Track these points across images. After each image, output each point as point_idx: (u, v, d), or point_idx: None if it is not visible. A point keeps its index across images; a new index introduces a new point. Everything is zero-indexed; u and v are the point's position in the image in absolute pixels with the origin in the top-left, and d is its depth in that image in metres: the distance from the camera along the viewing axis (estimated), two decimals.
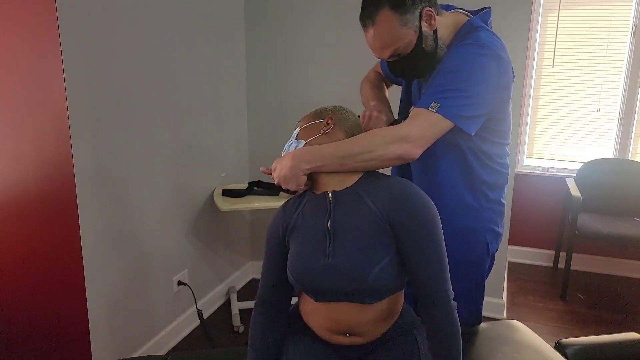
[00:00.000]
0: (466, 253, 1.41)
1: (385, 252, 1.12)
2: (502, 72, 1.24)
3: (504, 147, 1.40)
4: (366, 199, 1.16)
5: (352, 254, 1.13)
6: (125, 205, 2.06)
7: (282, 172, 1.20)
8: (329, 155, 1.18)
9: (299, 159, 1.19)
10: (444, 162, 1.36)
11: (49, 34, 1.65)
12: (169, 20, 2.23)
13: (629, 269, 3.30)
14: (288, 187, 1.21)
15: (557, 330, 2.61)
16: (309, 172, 1.20)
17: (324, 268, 1.14)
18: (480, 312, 1.55)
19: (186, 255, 2.50)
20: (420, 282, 1.13)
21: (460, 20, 1.33)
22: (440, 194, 1.36)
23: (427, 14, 1.25)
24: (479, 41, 1.24)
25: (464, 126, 1.22)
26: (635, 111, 3.19)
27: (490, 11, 1.35)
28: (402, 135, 1.19)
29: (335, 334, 1.21)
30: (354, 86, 2.74)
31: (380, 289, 1.13)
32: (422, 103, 1.23)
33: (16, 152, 1.80)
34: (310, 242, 1.18)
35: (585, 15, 3.20)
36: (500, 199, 1.44)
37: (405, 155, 1.20)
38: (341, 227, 1.16)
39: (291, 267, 1.20)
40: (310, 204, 1.23)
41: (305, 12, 2.74)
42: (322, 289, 1.16)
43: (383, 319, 1.20)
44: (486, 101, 1.24)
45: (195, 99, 2.46)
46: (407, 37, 1.26)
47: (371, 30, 1.27)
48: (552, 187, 3.37)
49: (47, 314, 1.93)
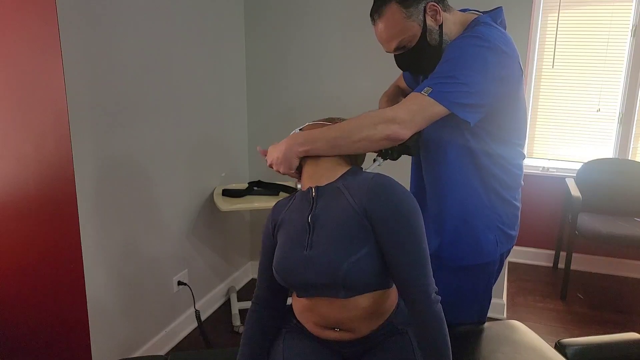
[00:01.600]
0: (476, 255, 1.41)
1: (361, 244, 1.11)
2: (502, 65, 1.24)
3: (517, 148, 1.39)
4: (345, 193, 1.17)
5: (327, 246, 1.13)
6: (125, 205, 2.06)
7: (275, 154, 1.28)
8: (321, 137, 1.24)
9: (292, 141, 1.26)
10: (455, 159, 1.36)
11: (49, 34, 1.65)
12: (169, 20, 2.23)
13: (629, 269, 3.30)
14: (280, 170, 1.28)
15: (557, 330, 2.61)
16: (302, 154, 1.25)
17: (302, 260, 1.15)
18: (485, 314, 1.55)
19: (186, 255, 2.50)
20: (401, 276, 1.12)
21: (469, 19, 1.35)
22: (452, 191, 1.37)
23: (431, 8, 1.29)
24: (477, 33, 1.25)
25: (457, 112, 1.22)
26: (635, 111, 3.19)
27: (502, 10, 1.36)
28: (390, 117, 1.22)
29: (325, 328, 1.21)
30: (354, 86, 2.74)
31: (353, 283, 1.12)
32: (417, 88, 1.25)
33: (16, 153, 1.80)
34: (293, 237, 1.20)
35: (585, 15, 3.20)
36: (513, 201, 1.43)
37: (393, 135, 1.22)
38: (320, 220, 1.17)
39: (275, 262, 1.21)
40: (297, 201, 1.26)
41: (305, 12, 2.74)
42: (300, 282, 1.16)
43: (369, 316, 1.19)
44: (483, 92, 1.23)
45: (195, 99, 2.47)
46: (412, 30, 1.30)
47: (379, 23, 1.33)
48: (552, 187, 3.38)
49: (47, 314, 1.93)
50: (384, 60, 2.60)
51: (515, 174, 1.41)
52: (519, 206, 1.46)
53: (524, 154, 1.43)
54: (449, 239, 1.42)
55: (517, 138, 1.38)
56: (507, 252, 1.48)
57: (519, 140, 1.39)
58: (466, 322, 1.52)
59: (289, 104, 2.88)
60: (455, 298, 1.47)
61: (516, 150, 1.39)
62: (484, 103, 1.24)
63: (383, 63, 2.62)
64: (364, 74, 2.69)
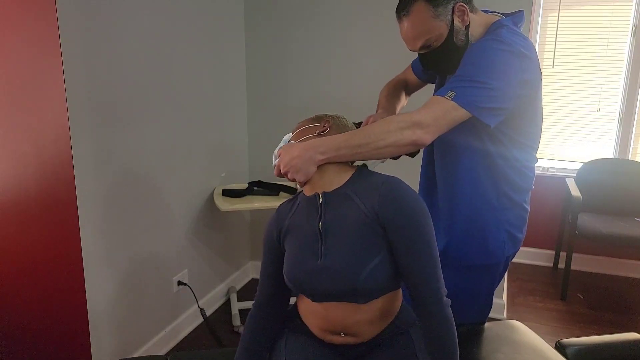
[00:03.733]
0: (483, 255, 1.42)
1: (376, 251, 1.12)
2: (524, 69, 1.24)
3: (532, 151, 1.39)
4: (355, 199, 1.16)
5: (343, 255, 1.13)
6: (125, 205, 2.06)
7: (292, 161, 1.19)
8: (344, 145, 1.19)
9: (313, 150, 1.18)
10: (469, 161, 1.36)
11: (49, 34, 1.65)
12: (169, 20, 2.23)
13: (629, 269, 3.30)
14: (296, 177, 1.20)
15: (557, 330, 2.61)
16: (321, 162, 1.19)
17: (317, 269, 1.15)
18: (486, 315, 1.55)
19: (186, 255, 2.50)
20: (412, 280, 1.12)
21: (491, 21, 1.35)
22: (464, 191, 1.38)
23: (459, 8, 1.29)
24: (500, 37, 1.25)
25: (480, 116, 1.22)
26: (635, 111, 3.19)
27: (523, 14, 1.37)
28: (416, 121, 1.21)
29: (330, 333, 1.21)
30: (354, 86, 2.74)
31: (372, 289, 1.13)
32: (440, 92, 1.25)
33: (16, 152, 1.79)
34: (304, 244, 1.19)
35: (585, 15, 3.20)
36: (523, 203, 1.43)
37: (419, 141, 1.21)
38: (332, 228, 1.16)
39: (286, 270, 1.21)
40: (303, 206, 1.23)
41: (305, 12, 2.74)
42: (317, 290, 1.16)
43: (378, 319, 1.20)
44: (505, 96, 1.23)
45: (195, 99, 2.46)
46: (439, 30, 1.29)
47: (405, 21, 1.31)
48: (552, 187, 3.37)
49: (47, 314, 1.93)
50: (385, 60, 2.61)
51: (528, 176, 1.41)
52: (528, 209, 1.46)
53: (537, 158, 1.43)
54: (458, 238, 1.42)
55: (533, 141, 1.38)
56: (513, 255, 1.49)
57: (535, 144, 1.39)
58: (467, 322, 1.52)
59: (289, 104, 2.88)
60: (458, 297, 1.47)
61: (531, 154, 1.39)
62: (505, 107, 1.25)
63: (383, 63, 2.62)
64: (364, 74, 2.69)
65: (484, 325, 1.57)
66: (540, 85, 1.31)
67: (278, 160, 1.24)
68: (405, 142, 1.21)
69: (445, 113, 1.21)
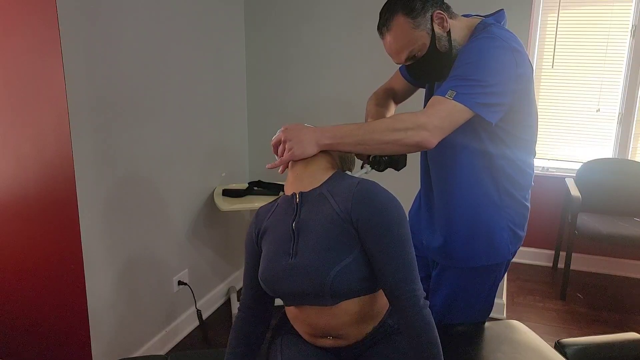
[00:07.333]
0: (490, 255, 1.42)
1: (347, 252, 1.10)
2: (518, 63, 1.26)
3: (530, 145, 1.40)
4: (330, 199, 1.16)
5: (313, 254, 1.12)
6: (125, 205, 2.06)
7: (299, 133, 1.21)
8: (349, 134, 1.22)
9: (321, 132, 1.22)
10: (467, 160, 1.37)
11: (49, 34, 1.65)
12: (169, 20, 2.23)
13: (629, 269, 3.30)
14: (292, 149, 1.20)
15: (557, 330, 2.61)
16: (325, 148, 1.22)
17: (287, 268, 1.14)
18: (487, 314, 1.56)
19: (186, 255, 2.50)
20: (387, 282, 1.09)
21: (474, 22, 1.36)
22: (463, 192, 1.38)
23: (437, 16, 1.31)
24: (493, 34, 1.27)
25: (482, 113, 1.23)
26: (635, 111, 3.19)
27: (504, 12, 1.38)
28: (422, 123, 1.21)
29: (318, 337, 1.21)
30: (354, 87, 2.74)
31: (340, 290, 1.10)
32: (440, 92, 1.25)
33: (17, 153, 1.80)
34: (277, 244, 1.18)
35: (585, 15, 3.20)
36: (524, 201, 1.43)
37: (423, 142, 1.22)
38: (305, 227, 1.15)
39: (260, 270, 1.20)
40: (281, 207, 1.24)
41: (305, 12, 2.74)
42: (286, 291, 1.15)
43: (360, 321, 1.17)
44: (505, 91, 1.25)
45: (195, 98, 2.47)
46: (421, 39, 1.31)
47: (387, 36, 1.34)
48: (551, 187, 3.38)
49: (48, 314, 1.93)
50: (385, 61, 2.61)
51: (527, 173, 1.42)
52: (529, 207, 1.47)
53: (535, 152, 1.43)
54: (461, 240, 1.42)
55: (531, 134, 1.39)
56: (514, 254, 1.49)
57: (533, 137, 1.40)
58: (468, 322, 1.52)
59: (289, 104, 2.88)
60: (460, 298, 1.48)
61: (529, 148, 1.40)
62: (505, 102, 1.26)
63: (383, 64, 2.62)
64: (364, 75, 2.69)
65: (483, 324, 1.57)
66: (532, 78, 1.33)
67: (282, 130, 1.24)
68: (408, 142, 1.22)
69: (449, 114, 1.22)
